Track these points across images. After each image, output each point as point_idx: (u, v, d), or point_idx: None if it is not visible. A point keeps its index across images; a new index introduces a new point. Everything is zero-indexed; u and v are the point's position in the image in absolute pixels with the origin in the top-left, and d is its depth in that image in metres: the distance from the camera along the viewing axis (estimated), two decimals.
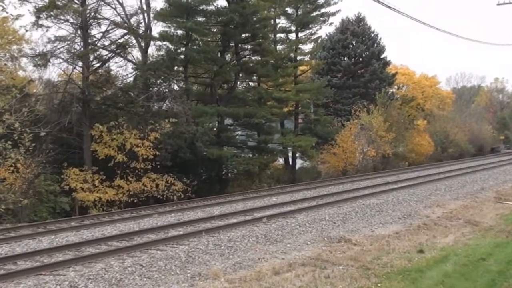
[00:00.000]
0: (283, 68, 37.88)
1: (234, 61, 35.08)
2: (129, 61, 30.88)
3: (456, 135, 56.18)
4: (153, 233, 16.95)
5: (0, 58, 24.07)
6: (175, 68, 31.96)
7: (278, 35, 40.79)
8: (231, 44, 34.68)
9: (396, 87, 56.27)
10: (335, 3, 40.79)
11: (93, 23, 28.53)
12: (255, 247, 15.42)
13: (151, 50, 32.32)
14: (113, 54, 29.87)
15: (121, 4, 29.27)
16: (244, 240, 15.87)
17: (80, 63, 27.94)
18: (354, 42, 48.63)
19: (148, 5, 30.44)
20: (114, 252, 14.15)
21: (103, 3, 28.65)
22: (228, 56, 35.98)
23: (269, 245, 15.82)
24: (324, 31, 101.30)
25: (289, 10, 40.72)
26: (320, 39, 44.77)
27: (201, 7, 31.97)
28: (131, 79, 30.71)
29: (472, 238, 16.78)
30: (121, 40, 29.50)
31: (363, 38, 48.90)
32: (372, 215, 20.68)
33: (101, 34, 29.10)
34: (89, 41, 28.05)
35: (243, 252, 14.83)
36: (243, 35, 34.17)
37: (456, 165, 44.14)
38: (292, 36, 41.58)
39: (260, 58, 36.05)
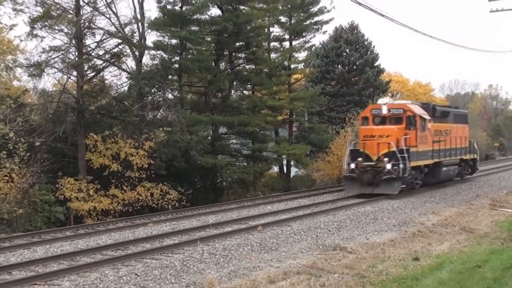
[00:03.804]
0: (277, 77, 37.95)
1: (228, 70, 35.14)
2: (124, 70, 30.99)
3: None
4: (148, 242, 16.92)
5: None
6: (169, 77, 32.02)
7: (272, 43, 40.88)
8: (225, 53, 34.78)
9: (390, 94, 56.43)
10: (328, 11, 40.88)
11: (88, 33, 28.64)
12: (250, 255, 15.41)
13: (145, 60, 32.43)
14: (108, 64, 29.99)
15: (115, 14, 29.34)
16: (239, 248, 15.85)
17: (74, 73, 28.00)
18: (347, 50, 48.76)
19: (142, 14, 30.50)
20: (109, 262, 14.12)
21: (97, 13, 28.78)
22: (222, 65, 36.04)
23: (264, 253, 15.80)
24: (318, 39, 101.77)
25: (283, 19, 40.83)
26: (313, 47, 44.87)
27: (195, 16, 32.05)
28: (126, 88, 30.79)
29: (468, 245, 16.80)
30: (115, 50, 29.65)
31: (357, 46, 49.05)
32: (367, 223, 20.69)
33: (95, 43, 29.25)
34: (84, 50, 28.13)
35: (238, 261, 14.81)
36: (237, 44, 34.27)
37: None
38: (286, 44, 41.71)
39: (254, 67, 36.12)
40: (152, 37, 57.53)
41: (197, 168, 29.66)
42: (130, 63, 31.51)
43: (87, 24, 28.30)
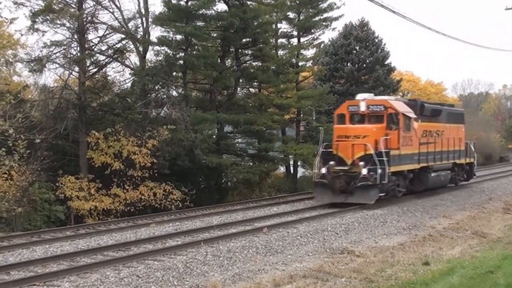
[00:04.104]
0: (285, 74, 37.92)
1: (234, 67, 35.16)
2: (127, 66, 30.99)
3: None
4: (150, 243, 16.95)
5: None
6: (174, 73, 32.02)
7: (280, 40, 40.87)
8: (231, 49, 34.78)
9: (401, 94, 56.37)
10: (338, 8, 40.83)
11: (90, 28, 28.67)
12: (255, 258, 15.41)
13: (149, 55, 32.42)
14: (111, 59, 30.01)
15: (119, 8, 29.36)
16: (244, 250, 15.86)
17: (76, 68, 28.07)
18: (357, 48, 48.65)
19: (146, 9, 30.51)
20: (110, 263, 14.15)
21: (100, 7, 28.79)
22: (228, 62, 36.06)
23: (270, 256, 15.81)
24: (327, 36, 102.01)
25: (291, 15, 40.80)
26: (322, 45, 44.84)
27: (200, 12, 32.05)
28: (129, 84, 30.85)
29: (480, 250, 16.79)
30: (118, 45, 29.66)
31: (367, 44, 48.95)
32: (376, 226, 20.67)
33: (98, 38, 29.30)
34: (86, 46, 28.18)
35: (243, 263, 14.83)
36: (244, 40, 34.27)
37: None
38: (294, 41, 41.68)
39: (261, 64, 36.12)
40: (156, 32, 57.34)
41: (201, 168, 29.68)
42: (134, 59, 31.57)
43: (89, 18, 28.33)
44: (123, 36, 29.47)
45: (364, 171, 22.66)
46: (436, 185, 28.73)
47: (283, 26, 41.28)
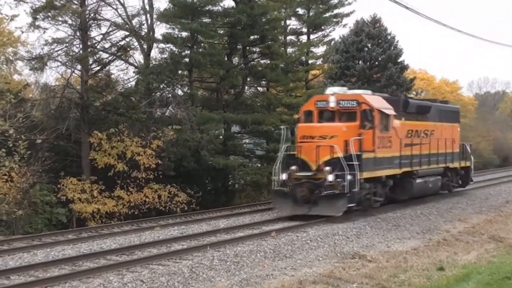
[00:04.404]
0: (294, 72, 37.90)
1: (242, 65, 35.15)
2: (131, 64, 31.06)
3: (479, 145, 55.85)
4: (155, 247, 16.97)
5: None
6: (179, 72, 32.04)
7: (289, 37, 40.89)
8: (238, 47, 34.76)
9: (414, 92, 56.18)
10: (349, 4, 40.86)
11: (93, 25, 28.75)
12: (263, 263, 15.39)
13: (154, 53, 32.49)
14: (114, 57, 30.08)
15: (123, 5, 29.42)
16: (252, 255, 15.84)
17: (78, 67, 28.10)
18: (369, 45, 48.50)
19: (151, 5, 30.58)
20: (113, 267, 14.16)
21: (103, 3, 28.86)
22: (235, 60, 36.04)
23: (278, 260, 15.78)
24: (338, 33, 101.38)
25: (300, 11, 40.81)
26: (333, 42, 44.82)
27: (207, 8, 32.07)
28: (133, 83, 30.88)
29: (497, 255, 16.72)
30: (122, 43, 29.72)
31: (379, 41, 48.79)
32: (388, 230, 20.60)
33: (101, 36, 29.35)
34: (89, 43, 28.23)
35: (251, 268, 14.80)
36: (252, 37, 34.24)
37: (478, 176, 43.72)
38: (304, 38, 41.68)
39: (269, 62, 36.07)
40: (161, 29, 57.30)
41: (207, 169, 29.68)
42: (138, 56, 31.65)
43: (92, 15, 28.40)
44: (127, 33, 29.50)
45: (330, 178, 20.26)
46: (423, 193, 26.39)
47: (292, 23, 41.32)
